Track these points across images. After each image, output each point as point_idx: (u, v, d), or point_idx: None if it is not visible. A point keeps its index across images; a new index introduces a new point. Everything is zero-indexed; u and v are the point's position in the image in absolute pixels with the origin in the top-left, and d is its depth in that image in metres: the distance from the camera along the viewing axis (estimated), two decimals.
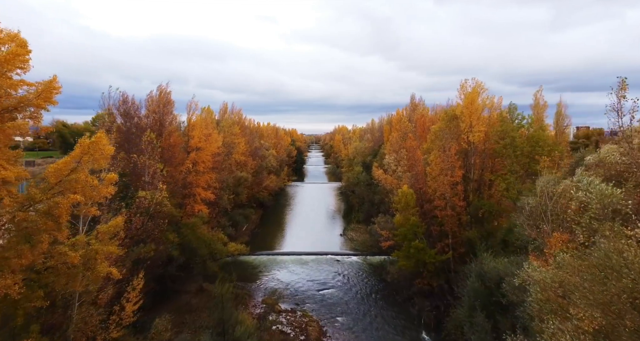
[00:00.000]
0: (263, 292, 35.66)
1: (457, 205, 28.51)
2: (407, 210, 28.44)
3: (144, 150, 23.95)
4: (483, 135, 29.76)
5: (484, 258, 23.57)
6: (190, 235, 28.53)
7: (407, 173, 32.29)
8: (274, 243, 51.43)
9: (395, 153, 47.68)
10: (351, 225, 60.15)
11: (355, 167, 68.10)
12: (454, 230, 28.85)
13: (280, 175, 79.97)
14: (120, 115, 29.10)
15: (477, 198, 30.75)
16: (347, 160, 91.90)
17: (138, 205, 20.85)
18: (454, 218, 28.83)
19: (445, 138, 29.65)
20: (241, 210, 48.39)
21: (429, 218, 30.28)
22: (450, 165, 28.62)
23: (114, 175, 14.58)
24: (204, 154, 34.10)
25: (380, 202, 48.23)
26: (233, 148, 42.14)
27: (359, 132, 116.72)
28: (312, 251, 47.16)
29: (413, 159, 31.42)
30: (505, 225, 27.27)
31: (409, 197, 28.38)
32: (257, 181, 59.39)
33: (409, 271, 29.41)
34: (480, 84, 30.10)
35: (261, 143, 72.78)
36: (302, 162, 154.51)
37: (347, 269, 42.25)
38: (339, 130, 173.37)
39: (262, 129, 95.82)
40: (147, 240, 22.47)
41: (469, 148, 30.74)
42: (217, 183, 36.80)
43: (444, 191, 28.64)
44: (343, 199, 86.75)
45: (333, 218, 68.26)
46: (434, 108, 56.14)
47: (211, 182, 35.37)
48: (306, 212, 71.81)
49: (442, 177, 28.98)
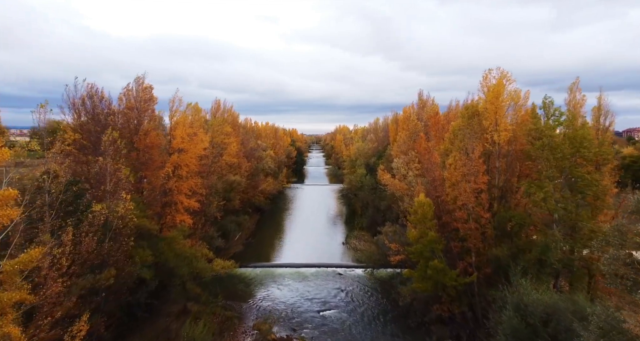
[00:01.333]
0: (255, 314, 31.32)
1: (482, 216, 24.11)
2: (423, 223, 24.06)
3: (105, 152, 19.57)
4: (510, 134, 25.36)
5: (520, 285, 19.21)
6: (168, 252, 24.18)
7: (421, 178, 27.88)
8: (270, 253, 47.07)
9: (404, 154, 43.38)
10: (354, 232, 55.76)
11: (358, 169, 63.72)
12: (478, 246, 24.45)
13: (278, 178, 75.63)
14: (85, 112, 24.78)
15: (503, 208, 26.33)
16: (349, 161, 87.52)
17: (91, 222, 16.53)
18: (478, 232, 24.44)
19: (467, 138, 25.27)
20: (234, 217, 44.04)
21: (447, 232, 25.90)
22: (475, 170, 24.23)
23: (12, 191, 10.30)
24: (187, 157, 29.74)
25: (386, 209, 43.86)
26: (224, 150, 37.80)
27: (361, 132, 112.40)
28: (312, 263, 42.81)
29: (429, 162, 27.03)
30: (541, 241, 22.91)
31: (427, 208, 23.98)
32: (252, 184, 55.05)
33: (426, 294, 25.01)
34: (507, 75, 25.68)
35: (258, 144, 68.44)
36: (302, 163, 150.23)
37: (351, 284, 37.88)
38: (340, 130, 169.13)
39: (260, 129, 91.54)
40: (107, 264, 18.14)
41: (493, 150, 26.34)
42: (203, 189, 32.43)
43: (466, 200, 24.24)
44: (344, 202, 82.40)
45: (334, 224, 63.90)
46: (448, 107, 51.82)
47: (196, 188, 31.01)
48: (306, 217, 67.44)
49: (464, 183, 24.58)
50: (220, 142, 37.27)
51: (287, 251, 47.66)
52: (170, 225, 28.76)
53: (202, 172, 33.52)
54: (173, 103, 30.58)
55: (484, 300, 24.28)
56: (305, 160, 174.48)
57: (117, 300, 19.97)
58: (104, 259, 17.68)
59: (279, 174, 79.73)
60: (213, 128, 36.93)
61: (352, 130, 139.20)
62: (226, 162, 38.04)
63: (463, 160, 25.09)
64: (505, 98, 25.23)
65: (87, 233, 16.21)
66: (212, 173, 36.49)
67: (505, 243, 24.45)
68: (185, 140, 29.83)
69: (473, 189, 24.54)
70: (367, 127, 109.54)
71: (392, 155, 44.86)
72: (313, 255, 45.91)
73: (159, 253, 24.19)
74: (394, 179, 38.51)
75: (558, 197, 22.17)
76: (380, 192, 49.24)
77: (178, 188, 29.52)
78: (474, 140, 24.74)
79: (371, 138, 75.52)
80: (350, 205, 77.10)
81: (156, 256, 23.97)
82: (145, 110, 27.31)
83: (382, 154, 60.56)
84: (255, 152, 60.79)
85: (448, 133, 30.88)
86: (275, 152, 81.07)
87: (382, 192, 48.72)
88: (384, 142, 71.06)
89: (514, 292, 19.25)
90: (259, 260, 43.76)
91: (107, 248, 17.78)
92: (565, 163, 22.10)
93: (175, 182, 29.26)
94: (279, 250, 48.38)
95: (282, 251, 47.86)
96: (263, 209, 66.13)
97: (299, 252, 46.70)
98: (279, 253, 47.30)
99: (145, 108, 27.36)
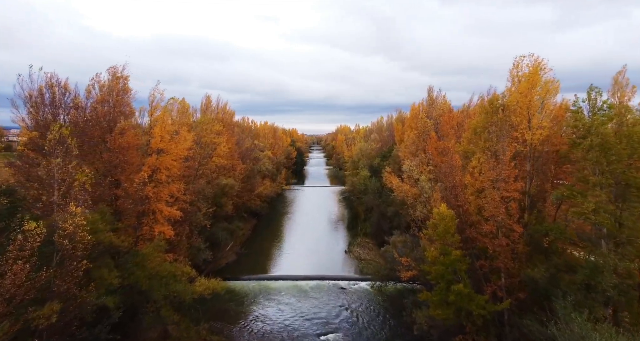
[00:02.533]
0: (247, 338, 27.39)
1: (514, 230, 20.15)
2: (445, 239, 20.10)
3: (51, 153, 15.65)
4: (547, 132, 21.41)
5: (573, 320, 15.27)
6: (139, 273, 20.27)
7: (439, 184, 23.92)
8: (265, 263, 43.08)
9: (412, 155, 39.46)
10: (357, 239, 51.79)
11: (361, 171, 59.78)
12: (509, 265, 20.49)
13: (276, 180, 71.68)
14: (44, 106, 20.89)
15: (535, 219, 22.38)
16: (351, 162, 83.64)
17: (22, 246, 12.64)
18: (508, 249, 20.49)
19: (496, 137, 21.33)
20: (226, 225, 40.11)
21: (471, 249, 21.94)
22: (505, 175, 20.29)
23: None
24: (168, 158, 25.83)
25: (394, 215, 39.91)
26: (213, 150, 33.92)
27: (364, 132, 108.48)
28: (312, 274, 38.87)
29: (448, 166, 23.07)
30: (588, 261, 18.95)
31: (449, 222, 20.02)
32: (248, 187, 51.13)
33: (447, 323, 21.03)
34: (542, 63, 21.72)
35: (255, 144, 64.51)
36: (302, 164, 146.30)
37: (355, 300, 33.92)
38: (341, 129, 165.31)
39: (258, 129, 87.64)
40: (51, 296, 14.24)
41: (524, 151, 22.41)
42: (188, 195, 28.52)
43: (494, 211, 20.30)
44: (346, 205, 78.45)
45: (335, 229, 59.92)
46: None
47: (180, 194, 27.10)
48: (305, 222, 63.47)
49: (491, 191, 20.64)
50: (209, 142, 33.36)
51: (284, 261, 43.68)
52: (148, 237, 24.84)
53: (187, 175, 29.61)
54: (153, 97, 26.69)
55: (517, 330, 20.31)
56: (305, 160, 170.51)
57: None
58: (45, 290, 13.79)
59: (278, 176, 75.80)
60: (201, 127, 33.02)
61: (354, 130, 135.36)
62: (216, 163, 34.12)
63: (491, 164, 21.15)
64: (540, 90, 21.25)
65: (15, 260, 12.34)
66: (200, 177, 32.56)
67: (541, 262, 20.50)
68: (165, 139, 25.92)
69: (503, 198, 20.61)
70: (369, 126, 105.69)
71: (399, 156, 40.94)
72: (313, 265, 41.98)
73: (128, 274, 20.27)
74: (403, 183, 34.57)
75: (612, 208, 18.19)
76: (386, 197, 45.34)
77: (157, 195, 25.60)
78: (505, 140, 20.79)
79: (375, 138, 71.63)
80: (352, 209, 73.18)
81: (124, 277, 20.06)
82: (119, 104, 23.39)
83: (387, 155, 56.66)
84: (251, 153, 56.88)
85: (467, 133, 26.96)
86: (273, 153, 77.16)
87: (388, 196, 44.82)
88: (389, 142, 67.21)
89: (564, 331, 15.29)
90: (253, 272, 39.84)
91: (49, 276, 13.89)
92: (619, 166, 18.14)
93: (154, 188, 25.35)
94: (275, 259, 44.40)
95: (279, 261, 43.87)
96: (260, 213, 62.19)
97: (298, 262, 42.78)
98: (276, 263, 43.32)
99: (119, 102, 23.45)
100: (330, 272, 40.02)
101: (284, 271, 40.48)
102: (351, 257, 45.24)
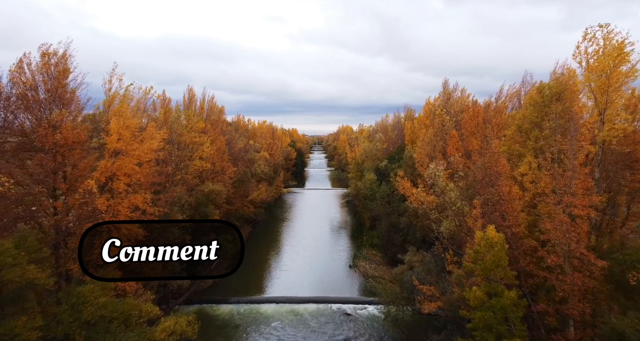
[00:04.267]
0: None
1: (592, 263, 14.52)
2: (494, 273, 14.48)
3: None
4: (631, 128, 15.85)
5: None
6: (71, 321, 14.73)
7: (478, 197, 18.26)
8: (258, 282, 37.38)
9: (428, 157, 33.91)
10: (363, 251, 46.12)
11: (367, 174, 54.15)
12: (583, 312, 14.84)
13: (274, 183, 66.15)
14: None
15: (608, 242, 16.76)
16: (354, 164, 77.94)
17: None
18: (581, 288, 14.86)
19: (558, 135, 15.72)
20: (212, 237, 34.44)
21: (527, 287, 16.29)
22: (578, 187, 14.67)
23: None
24: (128, 162, 20.29)
25: (408, 227, 34.22)
26: (195, 152, 28.39)
27: (367, 132, 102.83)
28: (311, 297, 33.24)
29: (493, 172, 17.36)
30: None
31: (499, 251, 14.39)
32: (240, 193, 45.57)
33: None
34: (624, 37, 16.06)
35: (250, 145, 58.99)
36: (303, 165, 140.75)
37: (363, 330, 28.28)
38: (343, 130, 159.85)
39: (255, 128, 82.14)
40: None
41: (595, 152, 16.81)
42: (159, 208, 23.00)
43: (561, 237, 14.69)
44: (350, 210, 72.80)
45: (338, 238, 54.29)
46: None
47: (146, 206, 21.57)
48: (305, 230, 57.82)
49: (554, 207, 15.02)
50: (189, 142, 27.82)
51: (280, 278, 38.03)
52: (99, 263, 19.15)
53: (158, 182, 24.07)
54: (110, 83, 21.16)
55: None
56: (306, 161, 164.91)
57: None
58: None
59: (276, 178, 70.23)
60: (178, 124, 27.48)
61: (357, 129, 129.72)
62: (199, 167, 28.55)
63: (552, 170, 15.54)
64: (624, 72, 15.57)
65: None
66: (178, 184, 27.02)
67: (627, 307, 14.87)
68: (125, 138, 20.37)
69: (571, 216, 15.00)
70: (373, 126, 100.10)
71: (414, 158, 35.34)
72: (313, 284, 36.38)
73: (56, 323, 14.74)
74: (419, 190, 28.95)
75: None
76: (397, 204, 39.71)
77: (114, 208, 20.07)
78: (573, 138, 15.15)
79: (380, 138, 65.95)
80: (356, 214, 67.45)
81: (50, 328, 14.53)
82: (55, 90, 17.86)
83: (396, 157, 51.00)
84: (245, 154, 51.34)
85: (510, 131, 21.34)
86: (271, 154, 71.63)
87: (399, 203, 39.20)
88: (396, 143, 61.54)
89: None
90: (245, 292, 34.25)
91: None
92: None
93: (109, 200, 19.82)
94: (270, 276, 38.75)
95: (274, 278, 38.21)
96: (256, 220, 56.61)
97: (296, 279, 37.18)
98: (271, 281, 37.67)
99: (56, 88, 17.91)
100: (333, 292, 34.39)
101: (280, 291, 34.88)
102: (357, 273, 39.62)
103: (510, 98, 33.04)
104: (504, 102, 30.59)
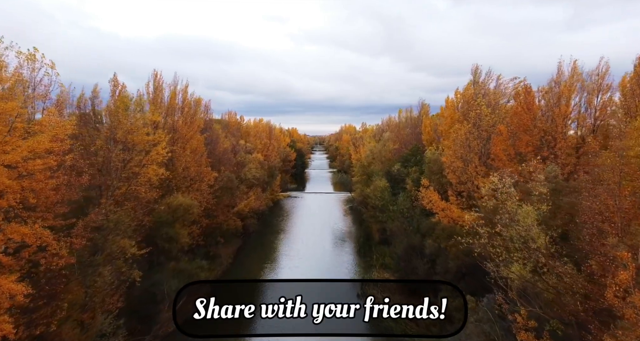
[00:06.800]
0: None
1: None
2: None
3: None
4: None
5: None
6: None
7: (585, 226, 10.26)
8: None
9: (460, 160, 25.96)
10: (372, 272, 38.17)
11: (376, 180, 46.11)
12: None
13: (269, 188, 58.18)
14: None
15: None
16: (359, 166, 69.95)
17: None
18: None
19: None
20: (183, 265, 26.67)
21: None
22: None
23: None
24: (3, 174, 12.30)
25: (436, 254, 26.06)
26: (148, 155, 20.48)
27: (372, 131, 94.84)
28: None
29: None
30: None
31: None
32: (224, 203, 37.65)
33: None
34: None
35: (240, 145, 51.03)
36: (303, 167, 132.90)
37: None
38: (346, 129, 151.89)
39: (249, 127, 74.15)
40: None
41: None
42: (77, 238, 15.06)
43: None
44: (355, 219, 64.70)
45: (341, 253, 46.22)
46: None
47: (49, 239, 13.63)
48: (304, 244, 49.55)
49: None
50: (139, 142, 19.91)
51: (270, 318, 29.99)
52: None
53: (74, 201, 16.10)
54: None
55: None
56: (307, 162, 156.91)
57: None
58: None
59: (272, 183, 62.27)
60: (126, 115, 19.58)
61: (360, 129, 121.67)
62: (150, 175, 20.53)
63: None
64: None
65: None
66: (119, 201, 19.03)
67: None
68: (2, 133, 12.42)
69: None
70: (380, 124, 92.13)
71: (441, 162, 27.37)
72: (312, 326, 28.38)
73: None
74: (454, 206, 20.96)
75: None
76: (418, 219, 31.66)
77: None
78: None
79: (390, 138, 57.95)
80: (362, 224, 59.34)
81: None
82: None
83: (412, 159, 42.86)
84: (233, 156, 43.41)
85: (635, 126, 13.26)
86: (266, 156, 63.65)
87: (422, 219, 31.14)
88: (410, 143, 53.38)
89: None
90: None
91: None
92: None
93: None
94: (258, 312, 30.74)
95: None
96: (247, 232, 48.67)
97: (290, 319, 29.15)
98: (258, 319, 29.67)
99: None
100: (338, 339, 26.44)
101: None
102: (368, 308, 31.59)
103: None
104: (567, 84, 22.47)
